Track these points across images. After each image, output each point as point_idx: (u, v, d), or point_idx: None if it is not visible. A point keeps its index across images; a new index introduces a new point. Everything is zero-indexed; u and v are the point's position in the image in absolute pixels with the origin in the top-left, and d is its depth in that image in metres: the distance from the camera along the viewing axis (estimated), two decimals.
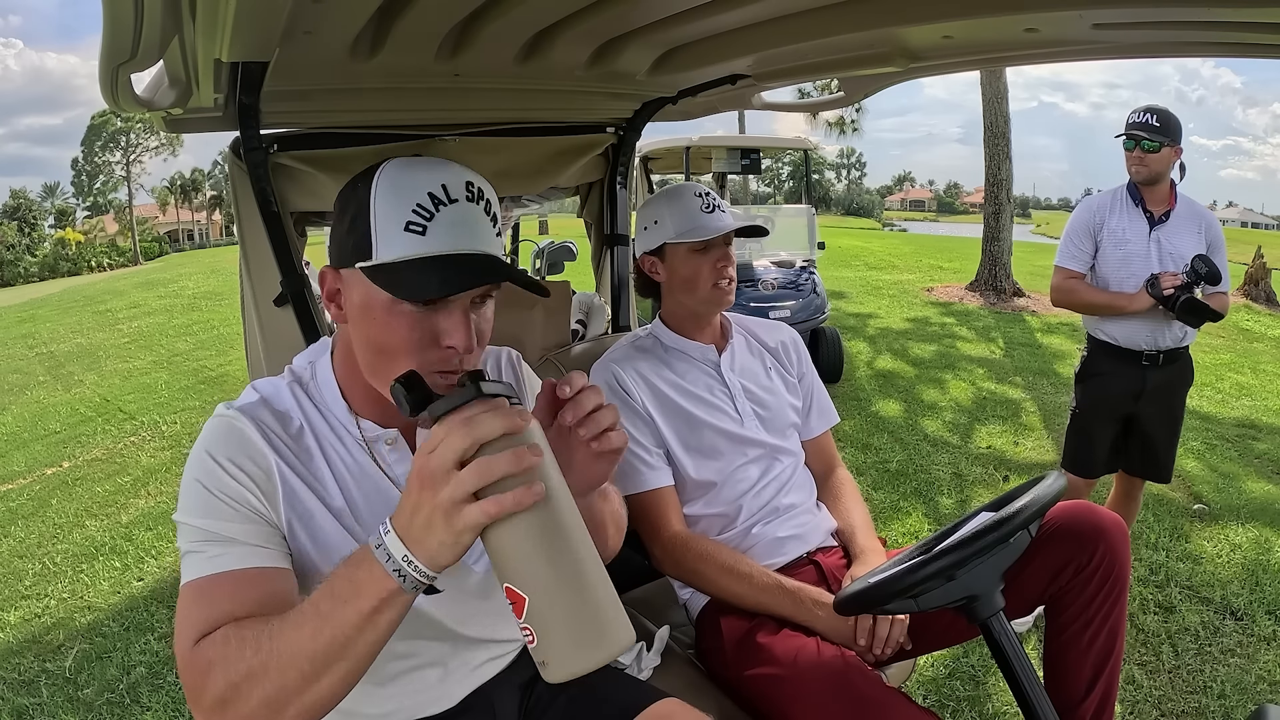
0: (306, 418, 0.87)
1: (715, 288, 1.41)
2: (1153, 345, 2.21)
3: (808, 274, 5.59)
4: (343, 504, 0.86)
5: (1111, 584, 1.13)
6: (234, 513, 0.78)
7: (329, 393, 0.89)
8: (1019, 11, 1.01)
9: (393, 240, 0.76)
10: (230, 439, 0.81)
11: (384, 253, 0.76)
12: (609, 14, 1.08)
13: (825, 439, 1.57)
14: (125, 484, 4.25)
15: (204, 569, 0.76)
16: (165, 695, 2.25)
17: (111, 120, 42.28)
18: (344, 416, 0.89)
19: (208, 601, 0.74)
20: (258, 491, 0.80)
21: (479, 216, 0.79)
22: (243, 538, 0.78)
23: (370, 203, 0.77)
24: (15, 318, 13.83)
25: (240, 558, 0.77)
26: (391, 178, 0.77)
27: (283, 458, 0.82)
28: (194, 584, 0.76)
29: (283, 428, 0.84)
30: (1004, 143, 9.35)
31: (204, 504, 0.78)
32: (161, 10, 0.71)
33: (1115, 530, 1.15)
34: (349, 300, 0.81)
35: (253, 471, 0.80)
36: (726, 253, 1.41)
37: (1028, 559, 1.08)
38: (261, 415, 0.84)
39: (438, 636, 0.95)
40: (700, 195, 1.42)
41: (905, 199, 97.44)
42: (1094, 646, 1.13)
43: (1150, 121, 2.14)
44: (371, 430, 0.90)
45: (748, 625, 1.26)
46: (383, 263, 0.76)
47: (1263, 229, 59.37)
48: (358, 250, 0.77)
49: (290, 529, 0.82)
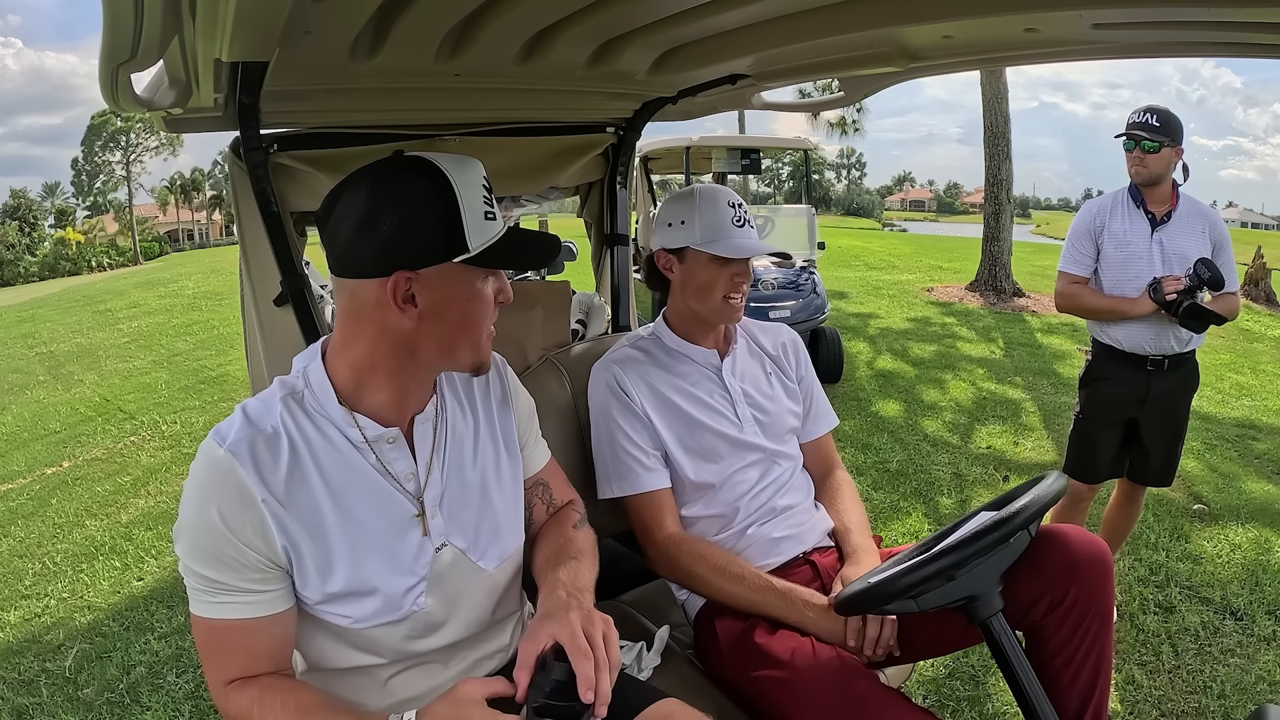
0: (300, 432, 0.88)
1: (727, 302, 1.40)
2: (1157, 350, 2.19)
3: (808, 274, 5.59)
4: (336, 519, 0.88)
5: (1090, 620, 1.07)
6: (232, 563, 0.83)
7: (324, 397, 0.90)
8: (1019, 11, 1.01)
9: (479, 229, 0.87)
10: (225, 488, 0.83)
11: (477, 240, 0.87)
12: (609, 14, 1.08)
13: (825, 441, 1.57)
14: (125, 484, 4.25)
15: (212, 612, 0.84)
16: (165, 695, 2.25)
17: (111, 120, 42.28)
18: (341, 419, 0.89)
19: (222, 644, 0.85)
20: (254, 539, 0.83)
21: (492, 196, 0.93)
22: (242, 584, 0.83)
23: (458, 200, 0.86)
24: (15, 317, 13.83)
25: (244, 609, 0.84)
26: (456, 174, 0.86)
27: (275, 497, 0.84)
28: (206, 622, 0.85)
29: (272, 457, 0.85)
30: (1004, 143, 9.34)
31: (202, 555, 0.83)
32: (161, 10, 0.71)
33: (1091, 564, 1.08)
34: (431, 295, 0.86)
35: (250, 521, 0.83)
36: (747, 270, 1.40)
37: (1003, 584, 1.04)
38: (255, 449, 0.84)
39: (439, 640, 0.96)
40: (734, 206, 1.39)
41: (905, 199, 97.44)
42: (1078, 682, 1.07)
43: (1150, 121, 2.12)
44: (373, 429, 0.91)
45: (743, 626, 1.26)
46: (484, 248, 0.87)
47: (1263, 229, 59.39)
48: (450, 245, 0.86)
49: (288, 554, 0.85)
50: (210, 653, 0.87)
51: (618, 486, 1.38)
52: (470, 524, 0.97)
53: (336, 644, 0.92)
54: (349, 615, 0.88)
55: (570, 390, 1.58)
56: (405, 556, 0.91)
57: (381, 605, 0.89)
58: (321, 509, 0.87)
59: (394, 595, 0.90)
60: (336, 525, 0.87)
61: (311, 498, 0.86)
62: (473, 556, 0.97)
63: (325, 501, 0.87)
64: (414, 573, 0.91)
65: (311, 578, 0.86)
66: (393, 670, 0.95)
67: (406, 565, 0.91)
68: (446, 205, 0.85)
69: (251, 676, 0.85)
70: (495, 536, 1.00)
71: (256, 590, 0.84)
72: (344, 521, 0.87)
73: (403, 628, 0.92)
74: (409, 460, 0.93)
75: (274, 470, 0.84)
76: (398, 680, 0.95)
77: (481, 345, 0.93)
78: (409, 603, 0.91)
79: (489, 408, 1.06)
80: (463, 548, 0.96)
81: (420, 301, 0.86)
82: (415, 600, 0.91)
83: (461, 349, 0.92)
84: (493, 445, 1.04)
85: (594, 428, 1.43)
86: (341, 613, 0.88)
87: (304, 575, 0.86)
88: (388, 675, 0.95)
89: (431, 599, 0.93)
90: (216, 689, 0.86)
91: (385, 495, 0.91)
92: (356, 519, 0.88)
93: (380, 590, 0.89)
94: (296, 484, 0.86)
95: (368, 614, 0.89)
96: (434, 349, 0.90)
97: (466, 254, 0.86)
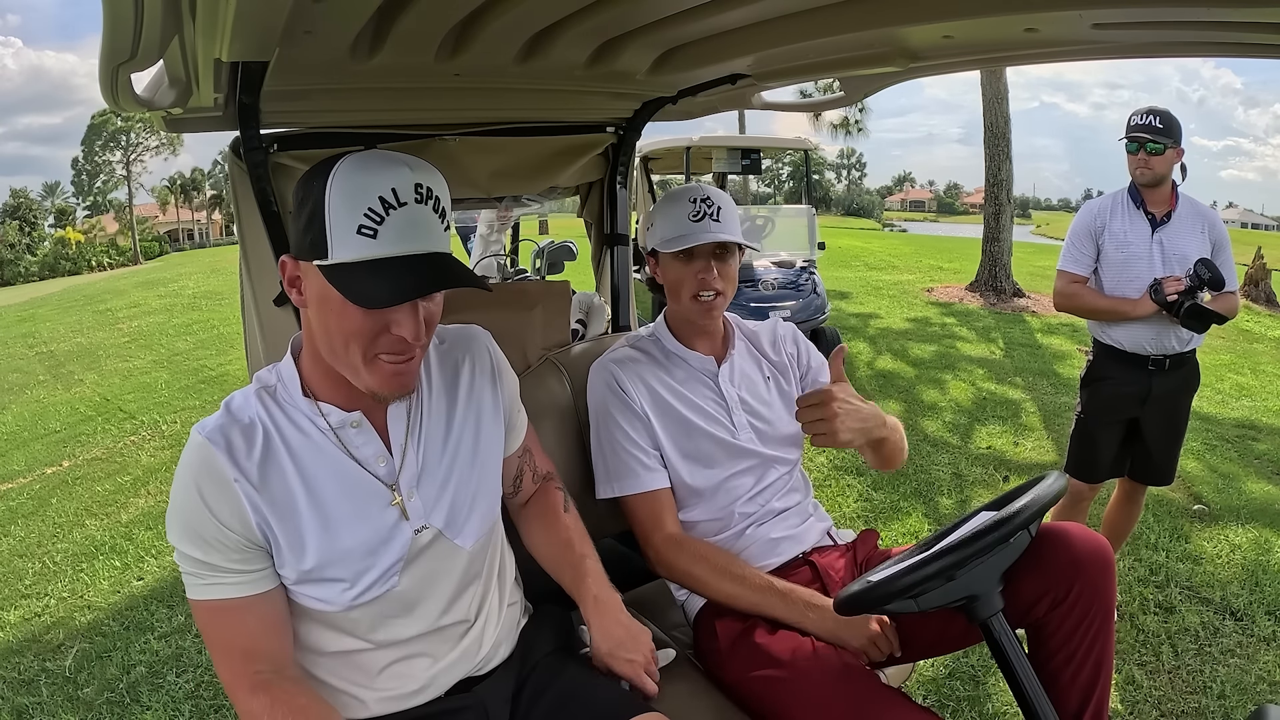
0: (273, 421, 0.92)
1: (697, 300, 1.38)
2: (1158, 349, 2.20)
3: (808, 274, 5.60)
4: (307, 501, 0.90)
5: (1093, 618, 1.06)
6: (215, 543, 0.86)
7: (293, 388, 0.93)
8: (1019, 11, 1.01)
9: (346, 242, 0.81)
10: (204, 470, 0.87)
11: (339, 253, 0.81)
12: (609, 14, 1.08)
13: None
14: (125, 483, 4.25)
15: (205, 593, 0.88)
16: (165, 695, 2.25)
17: (111, 119, 42.26)
18: (307, 409, 0.93)
19: (220, 627, 0.89)
20: (231, 519, 0.87)
21: (427, 217, 0.84)
22: (227, 564, 0.87)
23: (325, 204, 0.81)
24: (15, 317, 13.83)
25: (231, 589, 0.88)
26: (344, 180, 0.81)
27: (248, 478, 0.88)
28: (201, 606, 0.89)
29: (246, 444, 0.89)
30: (1004, 143, 9.34)
31: (189, 536, 0.87)
32: (161, 10, 0.71)
33: (1093, 561, 1.08)
34: (308, 289, 0.87)
35: (226, 500, 0.86)
36: (708, 265, 1.36)
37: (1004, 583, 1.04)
38: (229, 436, 0.89)
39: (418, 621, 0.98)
40: (695, 201, 1.37)
41: (905, 199, 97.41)
42: (1079, 679, 1.07)
43: (1154, 124, 2.13)
44: (336, 415, 0.93)
45: (743, 626, 1.26)
46: (338, 263, 0.81)
47: (1263, 230, 59.38)
48: (314, 248, 0.83)
49: (264, 533, 0.88)
50: (213, 640, 0.90)
51: (617, 486, 1.38)
52: (447, 503, 0.99)
53: (321, 629, 0.95)
54: (322, 599, 0.91)
55: (570, 390, 1.58)
56: (380, 538, 0.93)
57: (352, 586, 0.91)
58: (293, 491, 0.90)
59: (365, 575, 0.92)
60: (307, 507, 0.90)
61: (284, 481, 0.90)
62: (450, 534, 0.99)
63: (297, 485, 0.90)
64: (390, 554, 0.94)
65: (286, 557, 0.89)
66: (384, 661, 0.97)
67: (382, 546, 0.93)
68: (316, 204, 0.82)
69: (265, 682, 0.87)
70: (472, 514, 1.02)
71: (241, 570, 0.88)
72: (314, 503, 0.91)
73: (375, 607, 0.94)
74: (377, 443, 0.95)
75: (247, 456, 0.88)
76: (389, 672, 0.97)
77: (361, 370, 0.86)
78: (383, 584, 0.93)
79: (474, 384, 1.07)
80: (441, 527, 0.98)
81: (304, 291, 0.87)
82: (389, 580, 0.94)
83: (336, 360, 0.88)
84: (474, 421, 1.06)
85: (593, 427, 1.43)
86: (316, 595, 0.91)
87: (280, 554, 0.89)
88: (380, 666, 0.97)
89: (405, 578, 0.95)
90: (232, 692, 0.88)
91: (354, 478, 0.93)
92: (326, 501, 0.91)
93: (352, 569, 0.91)
94: (269, 468, 0.89)
95: (340, 597, 0.91)
96: (326, 349, 0.88)
97: (324, 260, 0.82)
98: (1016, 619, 1.09)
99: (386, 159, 0.84)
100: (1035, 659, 1.07)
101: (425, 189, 0.84)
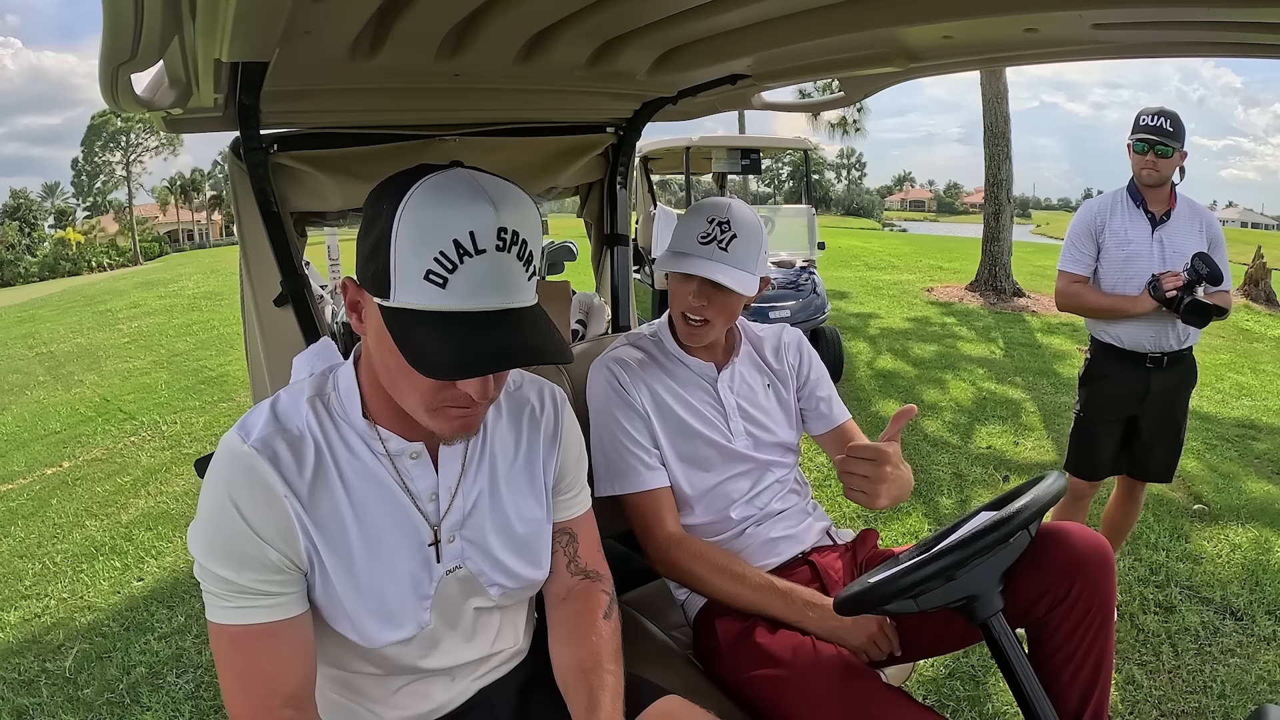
0: (324, 436, 0.85)
1: (685, 320, 1.38)
2: (1156, 347, 2.21)
3: (808, 274, 5.59)
4: (357, 530, 0.85)
5: (1093, 617, 1.06)
6: (252, 562, 0.79)
7: (351, 405, 0.87)
8: (1019, 11, 1.01)
9: (411, 286, 0.72)
10: (251, 486, 0.80)
11: (402, 296, 0.72)
12: (609, 14, 1.08)
13: (848, 427, 1.50)
14: (125, 484, 4.25)
15: (232, 617, 0.80)
16: (165, 695, 2.25)
17: (111, 120, 42.27)
18: (364, 430, 0.87)
19: (243, 653, 0.80)
20: (275, 538, 0.80)
21: (508, 266, 0.74)
22: (261, 586, 0.80)
23: (391, 236, 0.72)
24: (15, 318, 13.83)
25: (266, 611, 0.80)
26: (417, 211, 0.71)
27: (298, 497, 0.81)
28: (225, 631, 0.80)
29: (296, 459, 0.83)
30: (1004, 143, 9.34)
31: (221, 553, 0.79)
32: (161, 10, 0.71)
33: (1093, 561, 1.08)
34: (368, 320, 0.80)
35: (273, 517, 0.80)
36: (700, 292, 1.33)
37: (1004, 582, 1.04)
38: (277, 448, 0.82)
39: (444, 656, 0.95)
40: (712, 223, 1.32)
41: (905, 199, 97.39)
42: (1079, 678, 1.07)
43: (1164, 126, 2.13)
44: (396, 443, 0.88)
45: (744, 625, 1.25)
46: (400, 308, 0.73)
47: (1263, 229, 59.35)
48: (376, 282, 0.74)
49: (310, 557, 0.83)
50: (233, 668, 0.81)
51: (618, 484, 1.38)
52: (487, 551, 0.95)
53: (341, 652, 0.91)
54: (359, 634, 0.86)
55: (570, 390, 1.58)
56: (414, 575, 0.90)
57: (389, 624, 0.87)
58: (343, 516, 0.85)
59: (402, 613, 0.88)
60: (357, 534, 0.85)
61: (334, 505, 0.84)
62: (483, 582, 0.95)
63: (346, 510, 0.85)
64: (422, 593, 0.90)
65: (330, 583, 0.83)
66: (402, 683, 0.94)
67: (415, 584, 0.90)
68: (382, 234, 0.73)
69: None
70: (509, 568, 0.97)
71: (275, 593, 0.80)
72: (364, 533, 0.86)
73: (410, 646, 0.91)
74: (432, 478, 0.90)
75: (298, 472, 0.82)
76: (407, 691, 0.95)
77: (423, 415, 0.80)
78: (416, 621, 0.89)
79: (535, 440, 1.01)
80: (474, 573, 0.94)
81: (365, 319, 0.80)
82: (420, 618, 0.90)
83: (403, 404, 0.81)
84: (528, 478, 1.00)
85: (593, 425, 1.43)
86: (352, 630, 0.86)
87: (325, 582, 0.83)
88: (396, 686, 0.94)
89: (436, 616, 0.92)
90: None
91: (402, 509, 0.89)
92: (375, 531, 0.87)
93: (389, 607, 0.87)
94: (319, 488, 0.83)
95: (377, 635, 0.87)
96: (387, 384, 0.82)
97: (385, 301, 0.74)
98: (1016, 619, 1.09)
99: (471, 190, 0.73)
100: (1035, 659, 1.07)
101: (510, 233, 0.73)
